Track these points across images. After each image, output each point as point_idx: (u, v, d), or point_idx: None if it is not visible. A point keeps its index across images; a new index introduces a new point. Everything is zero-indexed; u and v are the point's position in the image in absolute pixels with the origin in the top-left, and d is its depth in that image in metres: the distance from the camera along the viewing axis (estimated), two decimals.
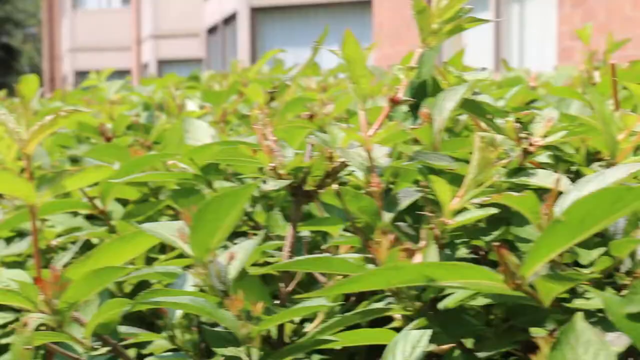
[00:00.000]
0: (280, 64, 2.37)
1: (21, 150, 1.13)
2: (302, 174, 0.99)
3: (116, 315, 0.96)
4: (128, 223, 1.46)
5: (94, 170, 1.17)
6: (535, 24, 8.15)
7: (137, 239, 1.03)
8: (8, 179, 1.06)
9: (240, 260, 0.98)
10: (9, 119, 1.14)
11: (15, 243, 1.61)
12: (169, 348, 1.26)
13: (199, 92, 2.26)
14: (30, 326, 0.89)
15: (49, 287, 0.89)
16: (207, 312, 0.89)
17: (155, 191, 1.52)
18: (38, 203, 1.11)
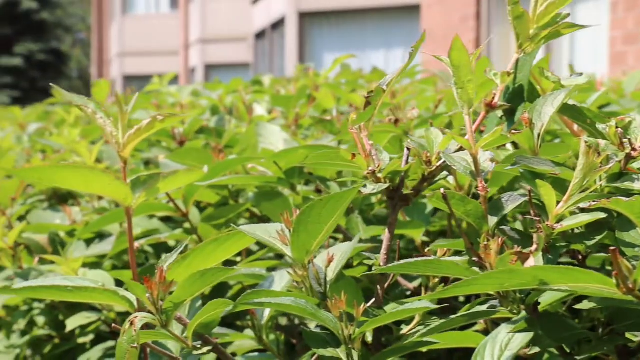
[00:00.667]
0: (348, 69, 2.39)
1: (118, 154, 1.15)
2: (399, 178, 1.00)
3: (217, 315, 0.98)
4: (209, 226, 1.48)
5: (186, 173, 1.19)
6: (586, 29, 8.07)
7: (232, 240, 1.04)
8: (107, 181, 1.08)
9: (338, 263, 0.99)
10: (107, 123, 1.17)
11: (96, 244, 1.64)
12: (253, 348, 1.28)
13: (266, 97, 2.28)
14: (137, 325, 0.91)
15: (155, 287, 0.91)
16: (309, 313, 0.90)
17: (234, 194, 1.53)
18: (134, 205, 1.13)
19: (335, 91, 1.93)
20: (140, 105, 2.49)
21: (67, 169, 1.06)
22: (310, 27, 12.75)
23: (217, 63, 19.31)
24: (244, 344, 1.27)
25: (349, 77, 2.32)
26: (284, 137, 1.81)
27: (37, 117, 2.99)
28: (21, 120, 2.82)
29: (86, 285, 1.09)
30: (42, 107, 3.47)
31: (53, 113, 3.26)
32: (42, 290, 1.11)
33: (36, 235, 1.71)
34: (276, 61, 13.88)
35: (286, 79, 2.94)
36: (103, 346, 1.56)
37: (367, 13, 12.30)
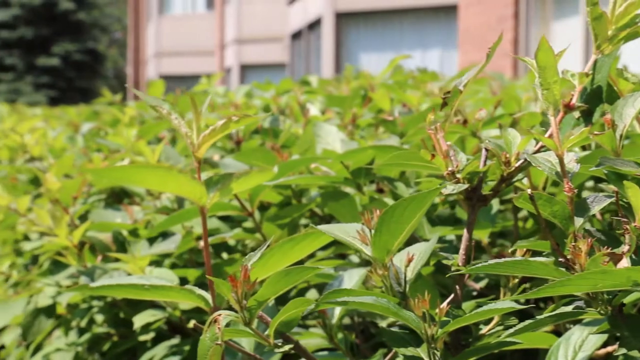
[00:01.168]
0: (400, 70, 2.39)
1: (193, 154, 1.17)
2: (477, 178, 1.01)
3: (298, 314, 0.99)
4: (273, 225, 1.50)
5: (258, 173, 1.20)
6: None
7: (308, 239, 1.05)
8: (183, 181, 1.10)
9: (417, 263, 1.00)
10: (182, 124, 1.18)
11: (159, 243, 1.65)
12: (321, 347, 1.29)
13: (319, 97, 2.29)
14: (221, 323, 0.93)
15: (240, 285, 0.92)
16: (392, 313, 0.91)
17: (298, 194, 1.55)
18: (208, 205, 1.15)
19: (391, 92, 1.94)
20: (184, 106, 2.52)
21: (146, 169, 1.07)
22: (346, 27, 12.75)
23: (252, 63, 19.38)
24: (312, 343, 1.28)
25: (399, 77, 2.33)
26: (340, 137, 1.82)
27: (87, 117, 3.02)
28: (75, 119, 2.85)
29: (162, 284, 1.11)
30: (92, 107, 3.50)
31: (102, 113, 3.30)
32: (120, 288, 1.12)
33: (100, 233, 1.73)
34: (312, 61, 13.90)
35: (336, 79, 2.95)
36: (167, 344, 1.57)
37: (404, 13, 12.29)
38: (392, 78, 2.28)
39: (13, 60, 37.63)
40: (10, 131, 2.34)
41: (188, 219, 1.44)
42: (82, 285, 1.10)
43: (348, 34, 12.73)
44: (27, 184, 2.43)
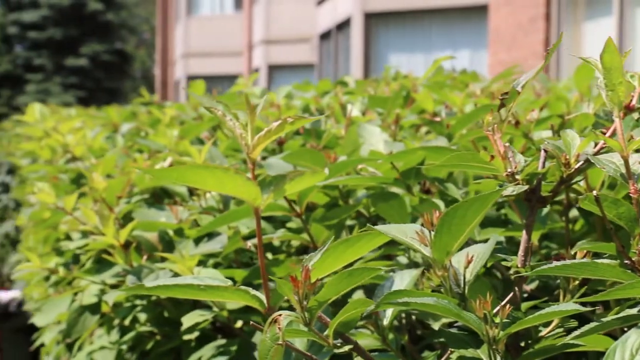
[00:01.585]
0: (441, 70, 2.39)
1: (247, 155, 1.17)
2: (536, 180, 1.01)
3: (357, 314, 0.99)
4: (322, 226, 1.50)
5: (311, 175, 1.20)
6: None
7: (363, 240, 1.05)
8: (239, 182, 1.10)
9: (476, 264, 1.00)
10: (236, 125, 1.19)
11: (205, 243, 1.66)
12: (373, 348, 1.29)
13: (359, 97, 2.29)
14: (282, 323, 0.93)
15: (301, 285, 0.93)
16: (453, 314, 0.91)
17: (345, 195, 1.55)
18: (262, 206, 1.15)
19: (436, 93, 1.94)
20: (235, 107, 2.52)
21: (205, 170, 1.08)
22: (376, 28, 12.74)
23: (280, 64, 19.40)
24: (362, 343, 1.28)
25: (439, 78, 2.32)
26: (384, 138, 1.82)
27: (126, 117, 3.04)
28: (115, 120, 2.87)
29: (218, 285, 1.12)
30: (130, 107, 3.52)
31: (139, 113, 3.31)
32: (177, 288, 1.13)
33: (146, 232, 1.74)
34: (341, 62, 13.90)
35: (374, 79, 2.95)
36: (214, 344, 1.58)
37: (434, 13, 12.25)
38: (433, 79, 2.27)
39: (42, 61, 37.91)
40: (52, 131, 2.36)
41: (238, 219, 1.45)
42: (138, 284, 1.11)
43: (377, 35, 12.71)
44: (68, 183, 2.45)
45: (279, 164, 1.71)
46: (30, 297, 3.97)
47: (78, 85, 37.25)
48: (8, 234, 8.73)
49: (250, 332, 1.59)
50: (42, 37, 37.83)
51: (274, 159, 1.76)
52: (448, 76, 2.40)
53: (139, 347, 1.92)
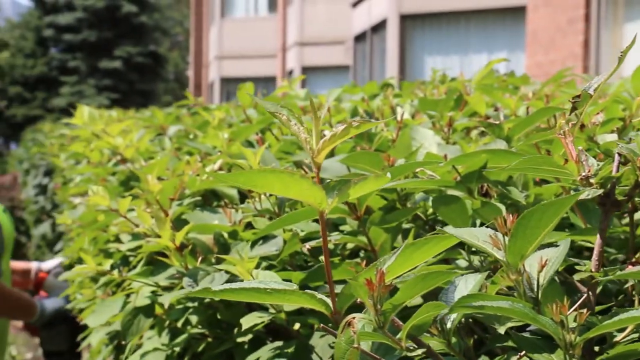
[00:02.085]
0: (491, 73, 2.37)
1: (312, 159, 1.17)
2: (610, 184, 1.00)
3: (430, 318, 0.99)
4: (380, 229, 1.50)
5: (375, 179, 1.20)
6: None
7: (430, 243, 1.05)
8: (305, 186, 1.10)
9: (550, 268, 0.99)
10: (301, 129, 1.19)
11: (260, 246, 1.66)
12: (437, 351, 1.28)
13: (408, 100, 2.28)
14: (356, 326, 0.93)
15: (376, 288, 0.93)
16: (529, 318, 0.90)
17: (403, 198, 1.54)
18: (327, 209, 1.15)
19: (491, 96, 1.93)
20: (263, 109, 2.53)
21: (272, 174, 1.08)
22: (411, 30, 12.71)
23: (314, 65, 19.43)
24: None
25: (489, 81, 2.31)
26: (437, 140, 1.82)
27: (170, 120, 3.05)
28: (162, 122, 2.89)
29: (284, 288, 1.12)
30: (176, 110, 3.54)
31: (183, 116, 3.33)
32: (243, 292, 1.13)
33: (200, 235, 1.75)
34: (376, 64, 13.88)
35: (420, 82, 2.94)
36: (271, 346, 1.58)
37: (470, 15, 12.20)
38: (484, 81, 2.26)
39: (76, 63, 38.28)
40: (102, 133, 2.38)
41: (300, 221, 1.45)
42: (205, 288, 1.11)
43: (413, 36, 12.68)
44: (117, 185, 2.47)
45: (334, 166, 1.71)
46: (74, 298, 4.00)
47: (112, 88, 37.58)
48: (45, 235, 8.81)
49: (307, 334, 1.59)
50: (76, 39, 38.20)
51: (328, 161, 1.76)
52: (498, 79, 2.39)
53: (191, 349, 1.93)
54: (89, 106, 3.36)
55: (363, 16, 14.51)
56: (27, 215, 10.09)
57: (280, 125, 2.36)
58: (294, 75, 19.95)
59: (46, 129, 9.70)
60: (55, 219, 8.13)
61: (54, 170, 7.73)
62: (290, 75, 20.60)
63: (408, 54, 12.69)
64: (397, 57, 12.58)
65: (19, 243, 11.43)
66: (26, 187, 9.69)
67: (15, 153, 13.70)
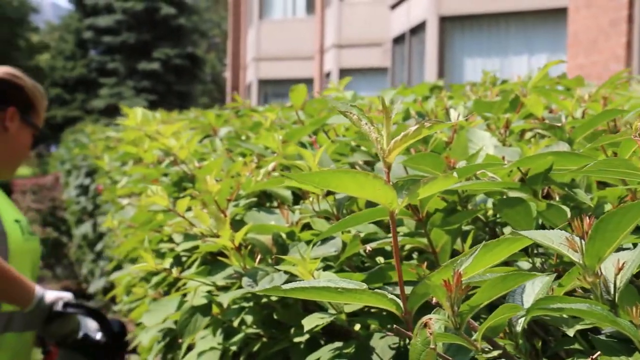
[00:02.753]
0: (546, 75, 2.36)
1: (383, 159, 1.18)
2: None
3: (505, 320, 0.99)
4: (442, 231, 1.50)
5: (443, 179, 1.20)
6: None
7: (502, 245, 1.05)
8: (378, 186, 1.11)
9: (627, 271, 0.98)
10: (371, 129, 1.20)
11: (318, 247, 1.67)
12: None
13: (461, 102, 2.28)
14: (433, 327, 0.93)
15: (454, 290, 0.93)
16: (609, 320, 0.90)
17: (464, 200, 1.54)
18: (397, 209, 1.16)
19: (547, 97, 1.92)
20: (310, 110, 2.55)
21: (346, 174, 1.09)
22: (451, 32, 12.67)
23: (352, 67, 19.42)
24: None
25: (543, 82, 2.30)
26: (493, 142, 1.81)
27: (220, 122, 3.07)
28: (213, 123, 2.91)
29: (354, 287, 1.12)
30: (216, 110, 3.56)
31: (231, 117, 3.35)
32: (313, 291, 1.14)
33: (259, 235, 1.76)
34: (414, 66, 13.85)
35: (471, 84, 2.93)
36: (331, 347, 1.59)
37: (510, 17, 12.13)
38: (539, 83, 2.25)
39: (115, 65, 38.61)
40: (156, 134, 2.40)
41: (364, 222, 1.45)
42: (274, 286, 1.12)
43: (452, 38, 12.64)
44: (170, 186, 2.49)
45: (393, 168, 1.72)
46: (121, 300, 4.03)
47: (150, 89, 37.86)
48: (86, 235, 8.88)
49: (366, 335, 1.59)
50: (115, 41, 38.53)
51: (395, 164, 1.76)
52: (552, 81, 2.37)
53: (246, 349, 1.94)
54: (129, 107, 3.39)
55: (402, 18, 14.48)
56: (68, 215, 10.20)
57: (333, 127, 2.37)
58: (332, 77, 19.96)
59: (88, 130, 9.79)
60: (96, 219, 8.21)
61: (96, 171, 7.80)
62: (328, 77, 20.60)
63: (447, 56, 12.64)
64: (436, 59, 12.54)
65: (59, 243, 11.55)
66: (68, 188, 9.78)
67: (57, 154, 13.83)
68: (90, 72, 39.61)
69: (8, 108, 2.45)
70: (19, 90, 2.48)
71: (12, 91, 2.46)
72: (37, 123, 2.53)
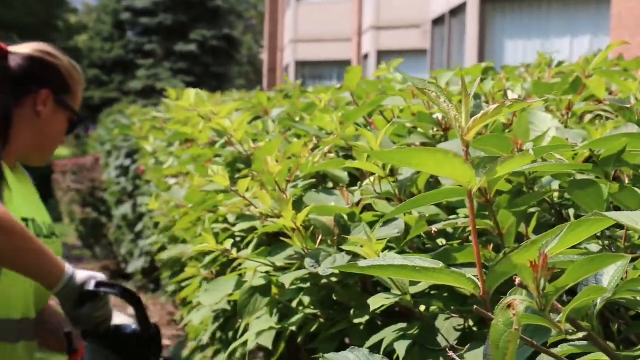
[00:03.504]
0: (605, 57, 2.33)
1: (461, 137, 1.17)
2: None
3: (590, 302, 0.98)
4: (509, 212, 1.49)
5: (520, 158, 1.19)
6: None
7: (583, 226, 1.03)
8: (457, 164, 1.11)
9: None
10: (450, 107, 1.19)
11: (381, 228, 1.66)
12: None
13: (519, 84, 2.26)
14: (518, 308, 0.93)
15: (540, 271, 0.93)
16: None
17: (530, 182, 1.53)
18: (475, 188, 1.16)
19: (611, 79, 1.89)
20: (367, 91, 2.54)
21: (427, 152, 1.09)
22: (491, 13, 12.54)
23: (390, 49, 19.32)
24: None
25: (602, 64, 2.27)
26: (555, 124, 1.80)
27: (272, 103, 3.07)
28: (265, 105, 2.91)
29: (432, 267, 1.12)
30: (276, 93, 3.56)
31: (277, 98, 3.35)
32: (391, 269, 1.14)
33: (320, 216, 1.76)
34: (454, 48, 13.75)
35: (524, 65, 2.91)
36: (395, 327, 1.59)
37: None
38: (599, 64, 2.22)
39: (152, 46, 38.75)
40: (212, 115, 2.41)
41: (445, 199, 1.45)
42: (351, 263, 1.12)
43: (493, 20, 12.51)
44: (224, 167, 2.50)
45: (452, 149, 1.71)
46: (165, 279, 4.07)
47: (186, 71, 37.95)
48: (126, 215, 8.94)
49: (431, 316, 1.59)
50: (153, 22, 38.65)
51: (448, 144, 1.76)
52: (611, 62, 2.35)
53: (304, 329, 1.94)
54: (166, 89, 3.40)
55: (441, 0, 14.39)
56: (108, 196, 10.27)
57: (389, 109, 2.37)
58: (369, 59, 19.89)
59: (128, 112, 9.84)
60: (136, 200, 8.26)
61: (137, 152, 7.84)
62: (365, 59, 20.54)
63: (488, 37, 12.53)
64: (476, 41, 12.43)
65: (99, 223, 11.65)
66: (108, 169, 9.85)
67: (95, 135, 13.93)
68: (127, 53, 39.79)
69: (40, 91, 2.14)
70: (53, 70, 2.17)
71: (44, 71, 2.16)
72: (74, 106, 2.23)
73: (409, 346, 1.51)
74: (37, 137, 2.16)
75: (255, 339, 1.97)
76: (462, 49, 13.18)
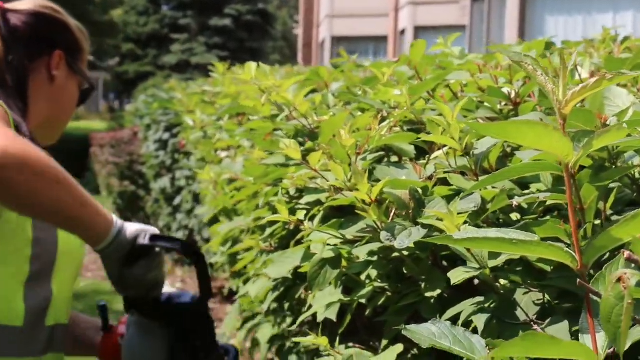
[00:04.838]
0: None
1: (558, 110, 1.17)
2: None
3: None
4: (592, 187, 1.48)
5: (617, 131, 1.19)
6: None
7: None
8: (556, 138, 1.11)
9: None
10: (546, 80, 1.19)
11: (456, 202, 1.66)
12: None
13: (587, 60, 2.24)
14: (630, 282, 0.93)
15: None
16: None
17: (614, 157, 1.52)
18: (572, 162, 1.16)
19: None
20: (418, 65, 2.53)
21: (526, 125, 1.08)
22: None
23: (427, 25, 19.21)
24: None
25: None
26: (631, 100, 1.78)
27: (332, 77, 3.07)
28: (326, 78, 2.91)
29: (530, 240, 1.12)
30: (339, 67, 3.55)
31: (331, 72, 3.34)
32: (486, 241, 1.14)
33: (395, 190, 1.76)
34: (494, 24, 13.64)
35: (586, 41, 2.89)
36: (473, 301, 1.58)
37: None
38: None
39: (187, 21, 38.82)
40: (275, 88, 2.41)
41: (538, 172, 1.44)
42: (446, 235, 1.13)
43: None
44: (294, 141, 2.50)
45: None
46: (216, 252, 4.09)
47: (221, 46, 38.00)
48: (164, 189, 9.00)
49: (508, 290, 1.59)
50: None
51: (524, 117, 1.75)
52: None
53: (372, 302, 1.95)
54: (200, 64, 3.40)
55: None
56: (146, 169, 10.33)
57: (453, 84, 2.36)
58: (406, 35, 19.79)
59: (167, 86, 9.87)
60: (174, 173, 8.31)
61: (176, 126, 7.87)
62: (402, 35, 20.44)
63: (529, 13, 12.42)
64: (517, 17, 12.33)
65: (136, 196, 11.74)
66: (147, 142, 9.90)
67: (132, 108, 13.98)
68: (162, 27, 39.90)
69: (53, 52, 1.86)
70: (63, 28, 1.89)
71: (55, 30, 1.87)
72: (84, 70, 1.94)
73: (487, 320, 1.51)
74: (53, 106, 1.87)
75: (325, 311, 1.98)
76: (502, 25, 13.08)
